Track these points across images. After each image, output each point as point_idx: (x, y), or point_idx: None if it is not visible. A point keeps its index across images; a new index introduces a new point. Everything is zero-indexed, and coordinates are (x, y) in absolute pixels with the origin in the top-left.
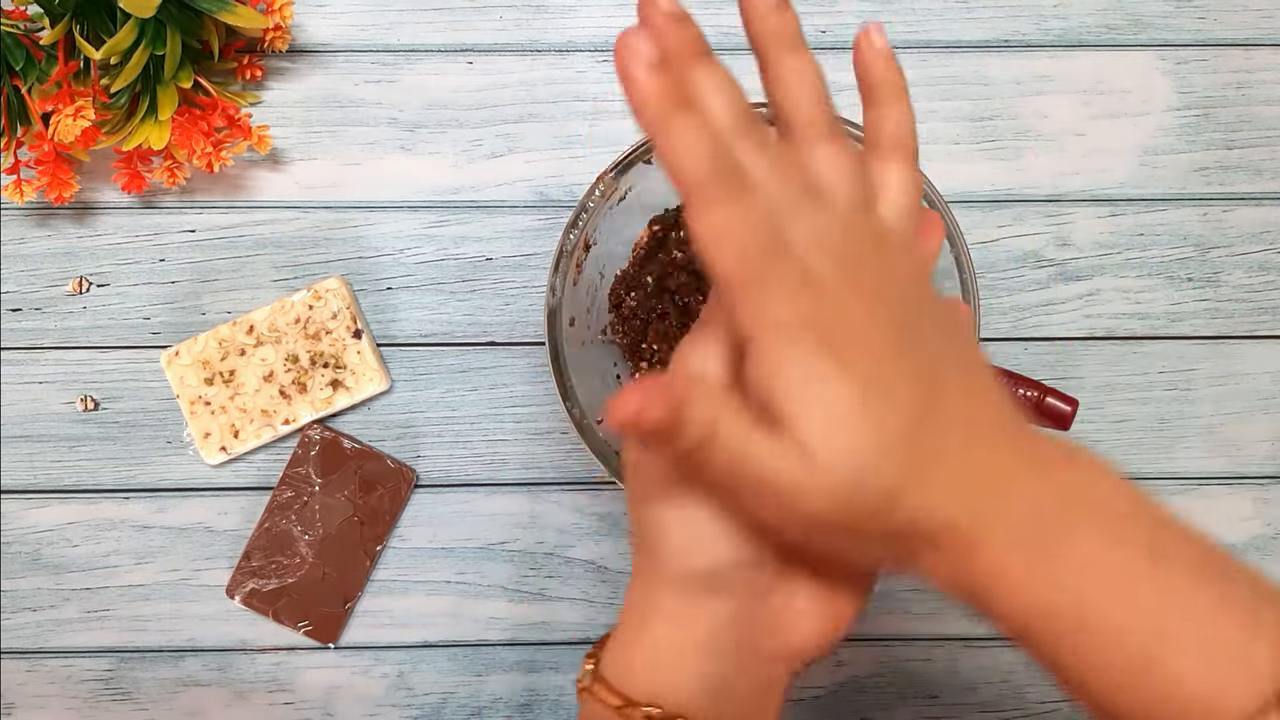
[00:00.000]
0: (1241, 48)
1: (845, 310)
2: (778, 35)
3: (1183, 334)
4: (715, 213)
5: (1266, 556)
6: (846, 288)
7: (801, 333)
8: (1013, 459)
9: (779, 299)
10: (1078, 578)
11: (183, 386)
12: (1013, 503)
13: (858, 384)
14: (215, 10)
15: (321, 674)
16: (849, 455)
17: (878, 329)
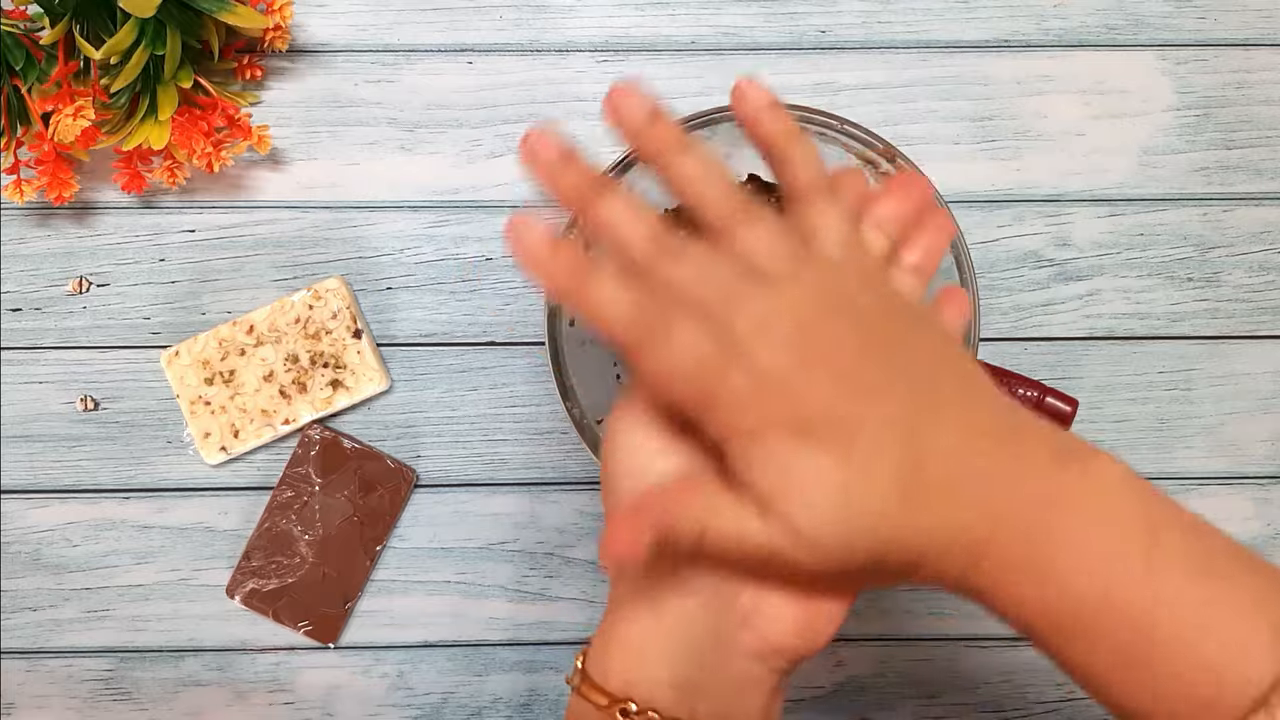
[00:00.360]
0: (1241, 48)
1: (808, 389)
2: (663, 143)
3: (1183, 334)
4: (653, 355)
5: (1267, 556)
6: (803, 364)
7: (769, 430)
8: (1013, 464)
9: (739, 409)
10: (1077, 579)
11: (183, 386)
12: (1013, 507)
13: (834, 460)
14: (215, 10)
15: (321, 674)
16: (837, 527)
17: (845, 391)
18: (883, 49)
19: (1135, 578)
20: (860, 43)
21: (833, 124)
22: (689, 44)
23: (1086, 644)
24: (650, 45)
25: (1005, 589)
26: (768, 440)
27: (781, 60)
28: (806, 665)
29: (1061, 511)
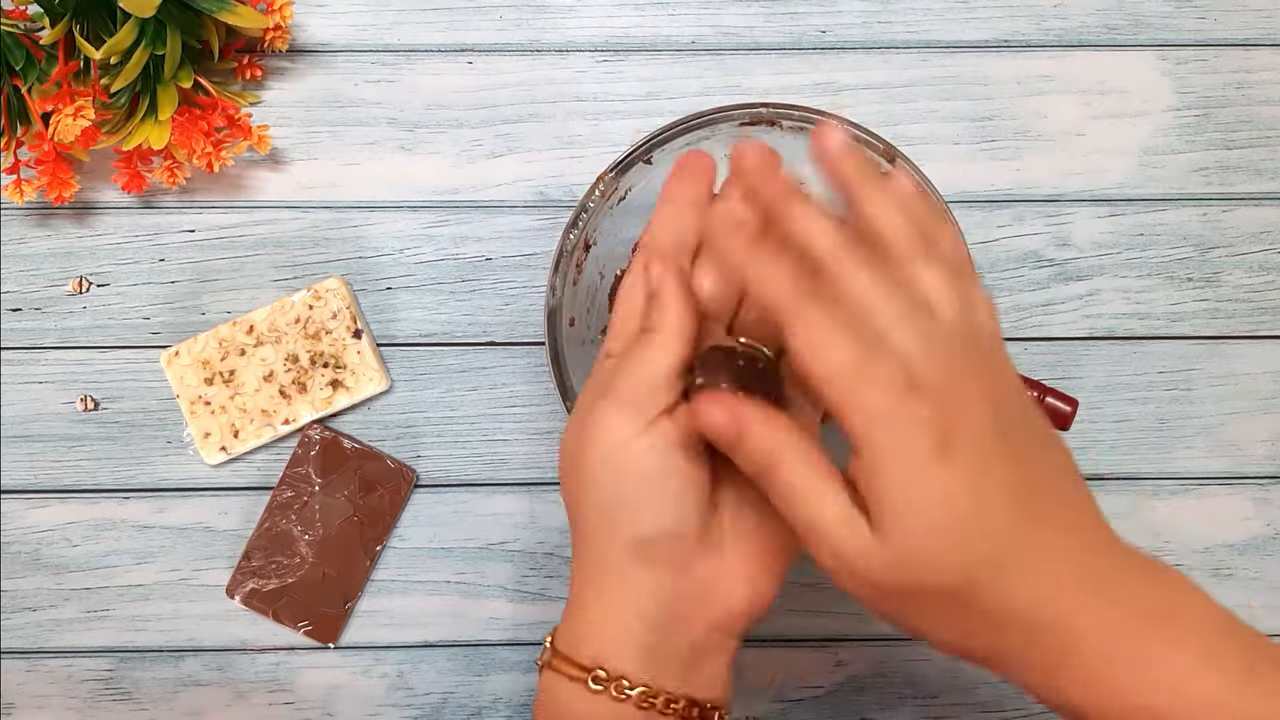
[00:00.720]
0: (1241, 48)
1: (959, 407)
2: (855, 179)
3: (1183, 334)
4: (818, 338)
5: (1267, 556)
6: (958, 386)
7: (909, 430)
8: (1109, 563)
9: (885, 410)
10: (1170, 693)
11: (183, 386)
12: (1113, 607)
13: (965, 487)
14: (215, 10)
15: (321, 674)
16: (941, 556)
17: (991, 425)
18: (883, 49)
19: (1232, 698)
20: (860, 43)
21: None
22: (689, 44)
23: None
24: (650, 45)
25: (1091, 688)
26: (908, 446)
27: (781, 60)
28: (806, 665)
29: (1158, 624)
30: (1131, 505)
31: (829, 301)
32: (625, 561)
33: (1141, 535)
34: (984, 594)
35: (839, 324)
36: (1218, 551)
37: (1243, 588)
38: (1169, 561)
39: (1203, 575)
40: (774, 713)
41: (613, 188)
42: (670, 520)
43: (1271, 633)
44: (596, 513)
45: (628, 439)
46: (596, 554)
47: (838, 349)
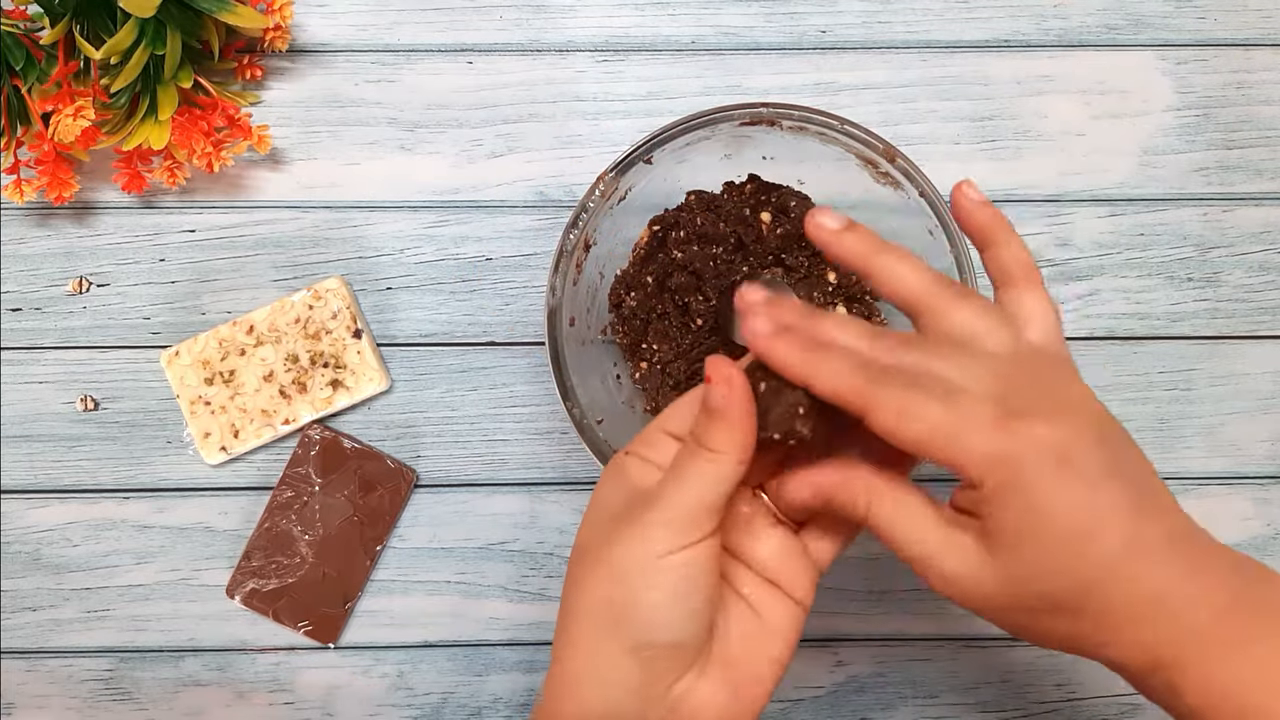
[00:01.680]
0: (1241, 48)
1: (1064, 427)
2: (862, 246)
3: (1183, 334)
4: (888, 403)
5: (1267, 556)
6: (1054, 408)
7: (1031, 456)
8: (1208, 557)
9: (990, 435)
10: (1270, 674)
11: (183, 386)
12: (1213, 593)
13: (1082, 493)
14: (215, 10)
15: (321, 674)
16: (1058, 578)
17: (1092, 440)
18: (883, 49)
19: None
20: (860, 43)
21: (833, 124)
22: (689, 44)
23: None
24: (650, 45)
25: (1193, 668)
26: (1032, 473)
27: (781, 60)
28: (806, 665)
29: (1255, 613)
30: None
31: (893, 380)
32: (618, 658)
33: None
34: (1097, 597)
35: (914, 392)
36: None
37: None
38: None
39: None
40: (774, 713)
41: (613, 188)
42: (681, 632)
43: None
44: (606, 608)
45: (666, 552)
46: (590, 647)
47: (925, 411)
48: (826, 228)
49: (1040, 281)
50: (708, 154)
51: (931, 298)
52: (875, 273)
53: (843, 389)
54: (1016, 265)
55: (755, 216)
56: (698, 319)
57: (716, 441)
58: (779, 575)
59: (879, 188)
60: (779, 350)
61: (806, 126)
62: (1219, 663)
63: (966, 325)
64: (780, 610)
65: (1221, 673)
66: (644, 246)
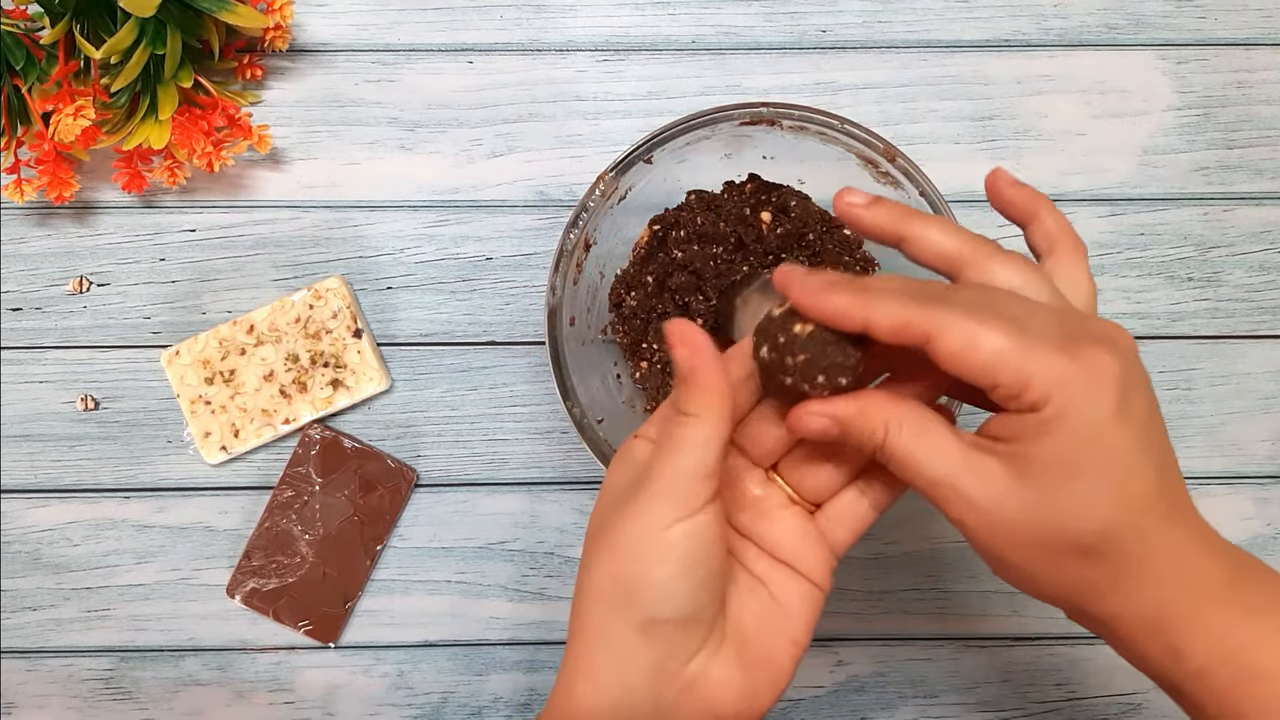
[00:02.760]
0: (1241, 48)
1: (1131, 369)
2: (893, 214)
3: (1183, 334)
4: (952, 325)
5: (1267, 556)
6: (1121, 348)
7: (1098, 384)
8: (1210, 528)
9: (1059, 358)
10: (1269, 637)
11: (183, 386)
12: (1224, 558)
13: (1133, 439)
14: (215, 10)
15: (321, 674)
16: (1102, 516)
17: (1149, 397)
18: (883, 49)
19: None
20: (860, 43)
21: (833, 124)
22: (689, 44)
23: (1253, 697)
24: (650, 45)
25: (1198, 628)
26: (1095, 401)
27: (781, 60)
28: (806, 665)
29: (1258, 582)
30: None
31: (955, 306)
32: (629, 637)
33: None
34: (1120, 542)
35: (981, 314)
36: None
37: None
38: None
39: None
40: (774, 713)
41: (613, 187)
42: (689, 606)
43: None
44: (614, 586)
45: (668, 525)
46: (601, 628)
47: (992, 333)
48: (856, 204)
49: (1085, 254)
50: (708, 154)
51: (973, 253)
52: (912, 238)
53: (905, 316)
54: (1062, 234)
55: (755, 216)
56: (698, 319)
57: (692, 405)
58: (794, 557)
59: (879, 187)
60: (831, 298)
61: (806, 126)
62: (1231, 625)
63: (1010, 278)
64: (796, 592)
65: (1232, 636)
66: (644, 246)
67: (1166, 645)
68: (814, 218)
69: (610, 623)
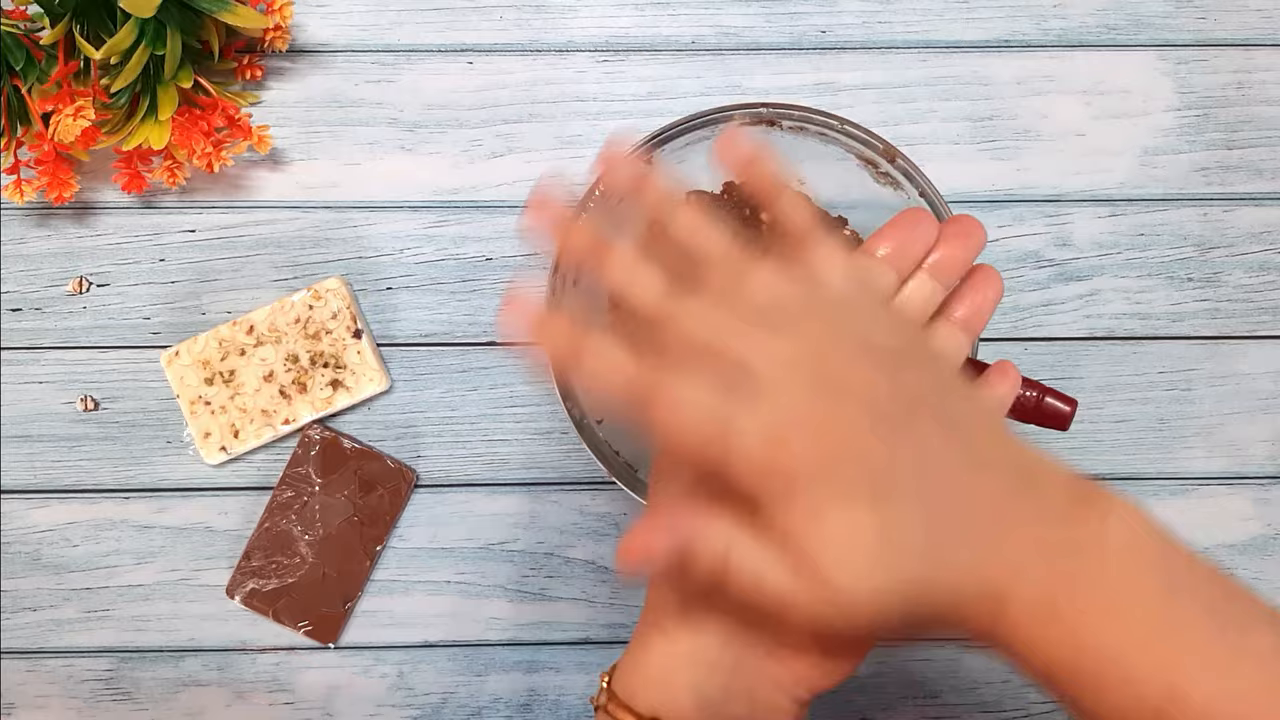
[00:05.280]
0: (1241, 48)
1: (833, 429)
2: (659, 201)
3: (1183, 334)
4: (664, 411)
5: (1267, 556)
6: (826, 404)
7: (798, 476)
8: (1032, 509)
9: (761, 457)
10: (1092, 634)
11: (183, 386)
12: (1033, 556)
13: (866, 510)
14: (215, 10)
15: (321, 674)
16: (873, 583)
17: (868, 431)
18: (883, 49)
19: (1156, 634)
20: (860, 43)
21: (833, 124)
22: (689, 44)
23: (1101, 701)
24: (650, 45)
25: (1027, 640)
26: (796, 488)
27: (781, 60)
28: None
29: (1082, 561)
30: None
31: (669, 357)
32: (698, 606)
33: None
34: (922, 608)
35: (687, 379)
36: (1218, 551)
37: None
38: None
39: None
40: None
41: None
42: None
43: None
44: None
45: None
46: (671, 594)
47: (692, 408)
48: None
49: (820, 231)
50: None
51: (722, 261)
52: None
53: (613, 383)
54: (797, 223)
55: (755, 216)
56: None
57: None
58: None
59: (879, 188)
60: (546, 345)
61: (806, 126)
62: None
63: (762, 287)
64: None
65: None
66: None
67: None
68: None
69: (681, 594)
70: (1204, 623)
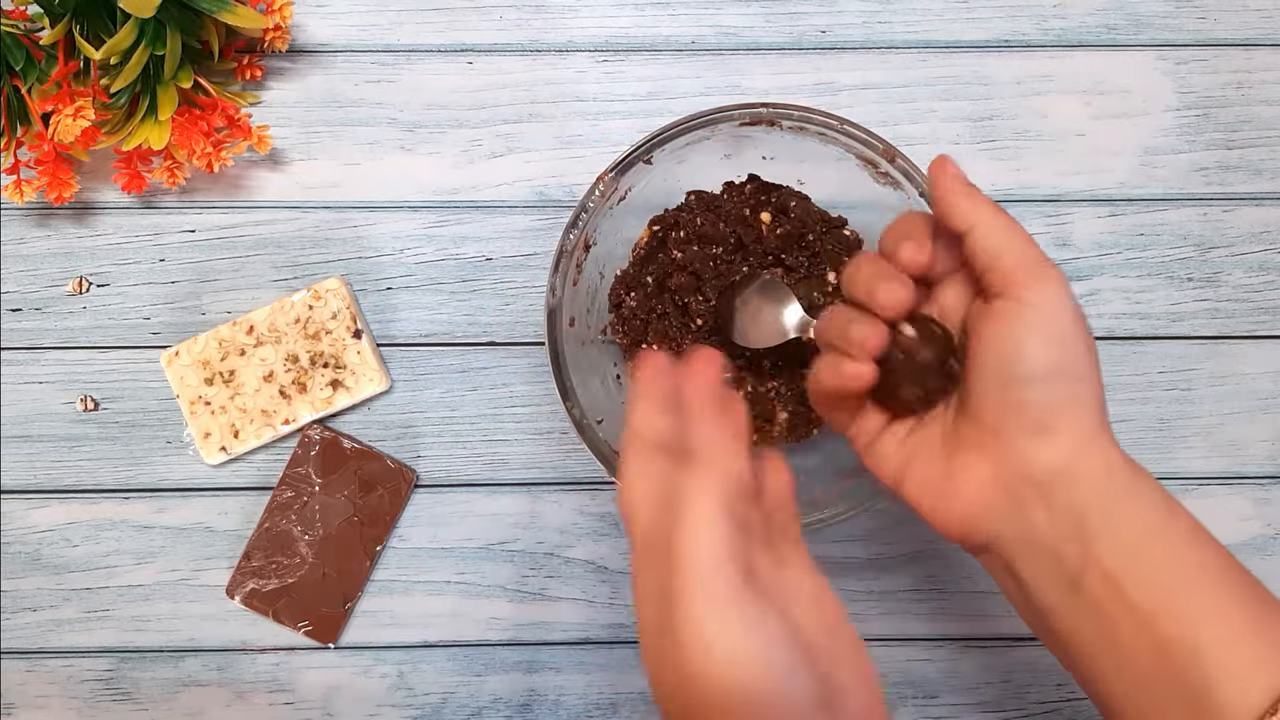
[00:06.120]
0: (1241, 48)
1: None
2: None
3: (1183, 334)
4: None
5: (1267, 556)
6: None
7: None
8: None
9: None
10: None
11: (183, 386)
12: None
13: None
14: (215, 10)
15: (321, 674)
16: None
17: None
18: (883, 49)
19: (1093, 518)
20: (860, 43)
21: (832, 124)
22: (689, 44)
23: (1035, 568)
24: (650, 45)
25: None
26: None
27: (781, 60)
28: None
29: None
30: None
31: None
32: None
33: None
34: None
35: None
36: None
37: None
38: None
39: None
40: None
41: (613, 188)
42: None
43: None
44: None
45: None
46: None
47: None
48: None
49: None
50: (708, 154)
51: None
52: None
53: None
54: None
55: (755, 216)
56: (698, 319)
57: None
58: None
59: (879, 188)
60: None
61: (806, 126)
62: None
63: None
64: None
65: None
66: (644, 246)
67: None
68: (813, 218)
69: None
70: (1141, 514)
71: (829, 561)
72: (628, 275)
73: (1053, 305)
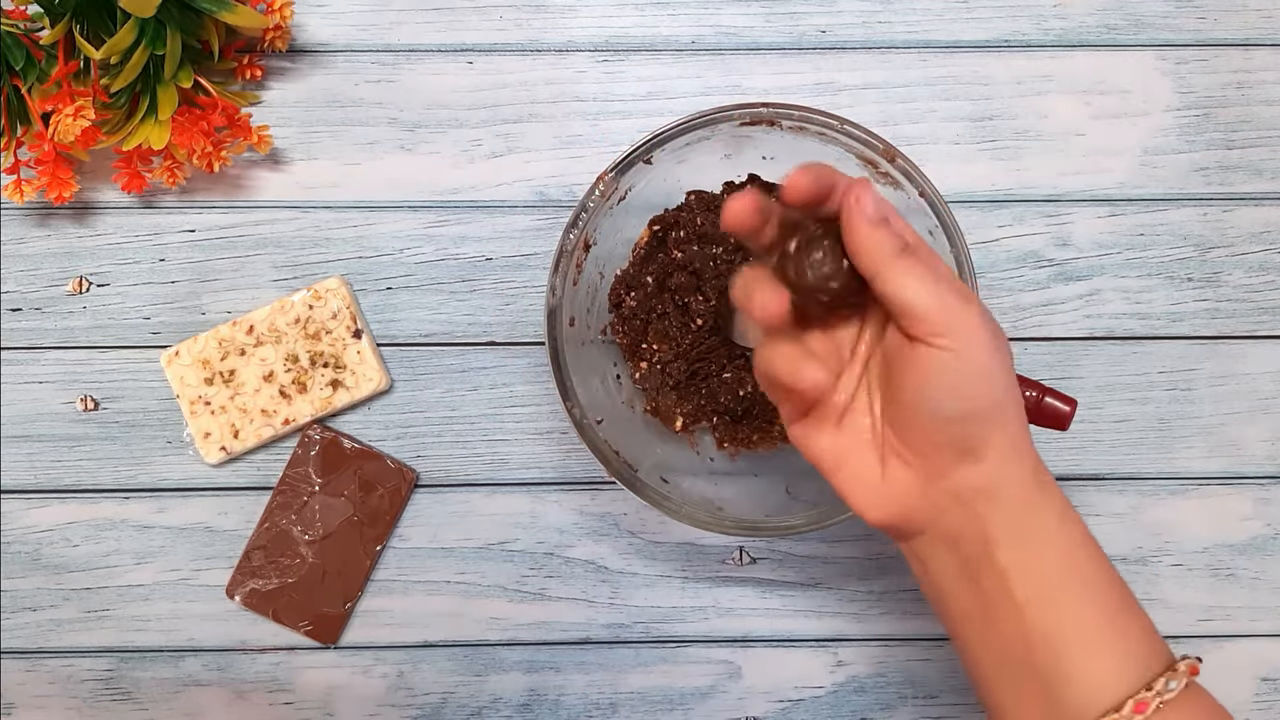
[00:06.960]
0: (1241, 48)
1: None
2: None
3: (1183, 334)
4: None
5: (1267, 556)
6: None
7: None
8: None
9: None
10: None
11: (183, 386)
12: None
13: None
14: (215, 10)
15: (321, 674)
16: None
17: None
18: (883, 49)
19: (1009, 523)
20: (860, 43)
21: (833, 124)
22: (689, 44)
23: (994, 626)
24: (650, 45)
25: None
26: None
27: (781, 60)
28: (806, 666)
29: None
30: (1131, 505)
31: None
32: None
33: (1142, 535)
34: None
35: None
36: (1218, 551)
37: (1243, 588)
38: (1169, 562)
39: (1203, 575)
40: (774, 713)
41: (613, 188)
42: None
43: (1272, 634)
44: None
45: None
46: None
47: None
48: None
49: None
50: (708, 154)
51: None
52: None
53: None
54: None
55: None
56: (698, 319)
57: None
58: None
59: (879, 188)
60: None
61: (806, 126)
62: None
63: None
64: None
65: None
66: (644, 246)
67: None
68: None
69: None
70: (1039, 520)
71: (829, 561)
72: (628, 275)
73: (969, 348)
